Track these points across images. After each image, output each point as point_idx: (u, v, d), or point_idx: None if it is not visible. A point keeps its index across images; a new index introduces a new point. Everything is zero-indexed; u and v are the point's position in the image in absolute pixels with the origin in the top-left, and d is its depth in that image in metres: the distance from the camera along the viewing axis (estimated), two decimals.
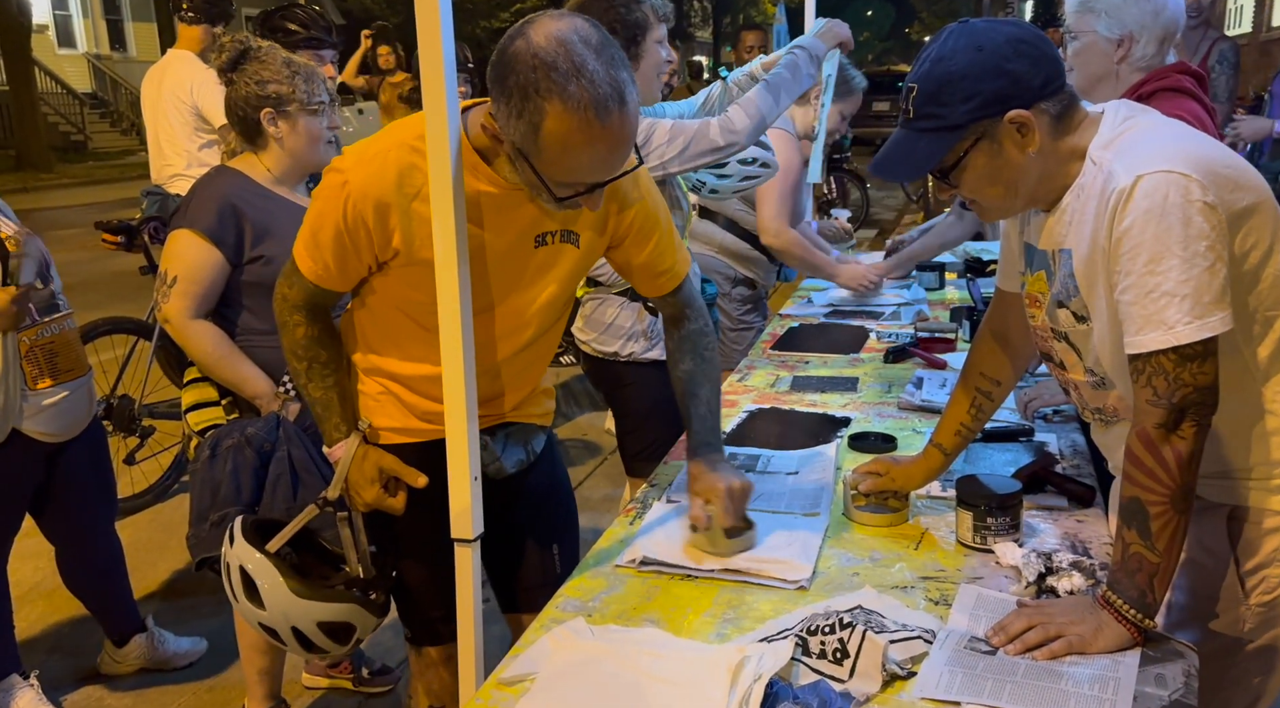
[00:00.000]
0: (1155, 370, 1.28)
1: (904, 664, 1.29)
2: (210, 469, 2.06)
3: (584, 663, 1.34)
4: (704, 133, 2.23)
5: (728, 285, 3.39)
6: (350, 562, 1.74)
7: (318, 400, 1.68)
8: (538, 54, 1.33)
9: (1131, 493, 1.31)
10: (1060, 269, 1.43)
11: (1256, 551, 1.43)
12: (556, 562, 1.94)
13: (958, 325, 2.88)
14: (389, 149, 1.51)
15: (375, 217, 1.50)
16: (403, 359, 1.67)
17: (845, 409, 2.33)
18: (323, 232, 1.54)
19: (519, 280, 1.62)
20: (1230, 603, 1.46)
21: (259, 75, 2.19)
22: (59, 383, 2.43)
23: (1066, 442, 2.06)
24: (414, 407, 1.70)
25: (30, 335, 2.37)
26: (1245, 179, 1.34)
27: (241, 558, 1.68)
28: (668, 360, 1.82)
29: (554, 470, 1.96)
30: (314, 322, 1.66)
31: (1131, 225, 1.28)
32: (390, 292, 1.61)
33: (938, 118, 1.37)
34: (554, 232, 1.61)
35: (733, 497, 1.62)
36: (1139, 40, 2.06)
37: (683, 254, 1.78)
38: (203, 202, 2.19)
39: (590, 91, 1.32)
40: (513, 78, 1.34)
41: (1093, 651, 1.30)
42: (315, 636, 1.68)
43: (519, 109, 1.35)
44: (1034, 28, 1.41)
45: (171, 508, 3.94)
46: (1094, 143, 1.38)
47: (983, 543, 1.61)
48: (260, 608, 1.67)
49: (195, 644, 2.93)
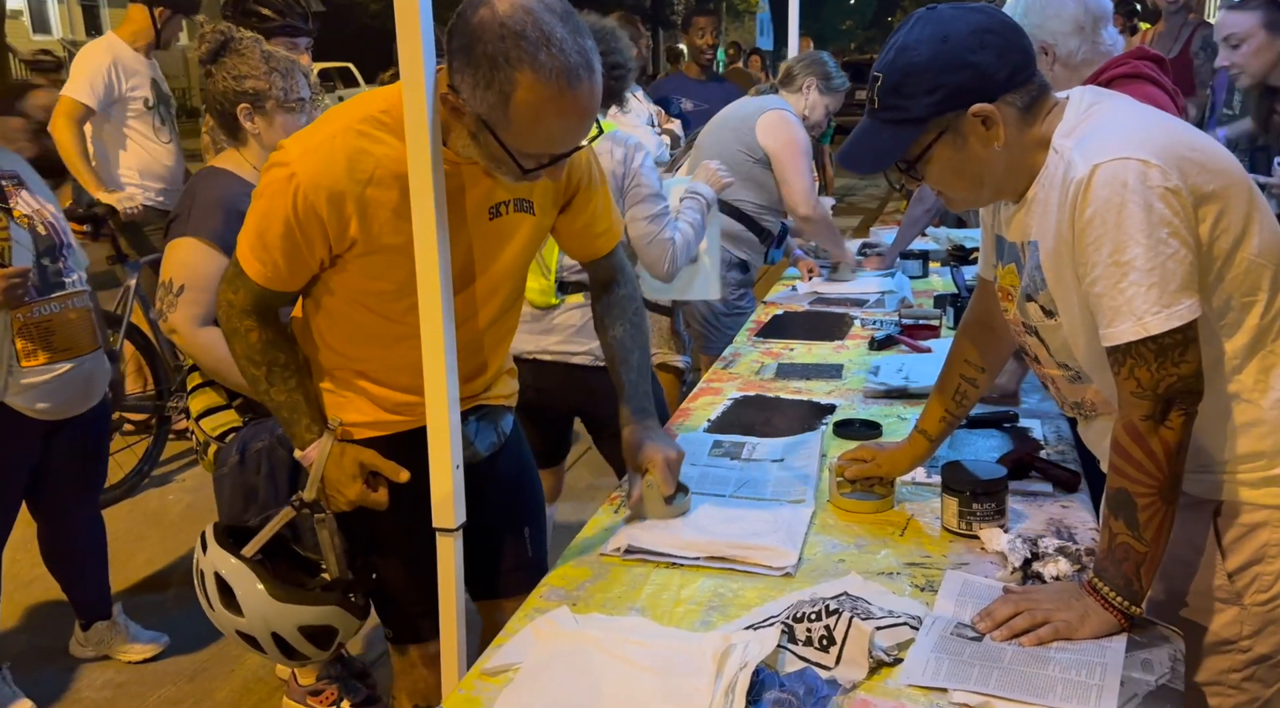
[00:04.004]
0: (1137, 362, 1.26)
1: (890, 651, 1.28)
2: (241, 474, 2.03)
3: (568, 653, 1.33)
4: (660, 258, 2.50)
5: (722, 268, 3.39)
6: (329, 563, 1.70)
7: (283, 404, 1.62)
8: (505, 23, 1.30)
9: (1119, 484, 1.30)
10: (1028, 261, 1.41)
11: (1244, 547, 1.40)
12: (529, 545, 1.93)
13: (942, 312, 2.88)
14: (334, 136, 1.46)
15: (329, 207, 1.45)
16: (367, 354, 1.63)
17: (830, 396, 2.32)
18: (270, 230, 1.48)
19: (478, 255, 1.59)
20: (1224, 602, 1.42)
21: (236, 69, 2.15)
22: (53, 360, 2.40)
23: (1051, 428, 2.06)
24: (382, 399, 1.65)
25: (24, 312, 2.34)
26: (1214, 162, 1.30)
27: (217, 564, 1.65)
28: (597, 325, 1.84)
29: (521, 453, 1.95)
30: (266, 325, 1.60)
31: (1093, 215, 1.25)
32: (349, 287, 1.56)
33: (901, 110, 1.34)
34: (507, 201, 1.58)
35: (670, 467, 1.67)
36: (1056, 43, 2.18)
37: (617, 215, 1.81)
38: (205, 207, 2.14)
39: (561, 59, 1.31)
40: (480, 47, 1.31)
41: (1079, 637, 1.29)
42: (297, 641, 1.65)
43: (487, 79, 1.32)
44: (1004, 16, 1.37)
45: (152, 500, 3.90)
46: (1057, 131, 1.34)
47: (968, 529, 1.60)
48: (238, 615, 1.63)
49: (156, 639, 2.88)
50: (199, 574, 1.68)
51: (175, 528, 3.64)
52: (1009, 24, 1.35)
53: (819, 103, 3.42)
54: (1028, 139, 1.36)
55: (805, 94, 3.41)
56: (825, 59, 3.49)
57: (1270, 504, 1.37)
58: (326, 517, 1.66)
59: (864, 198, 11.28)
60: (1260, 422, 1.36)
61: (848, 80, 3.50)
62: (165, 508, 3.83)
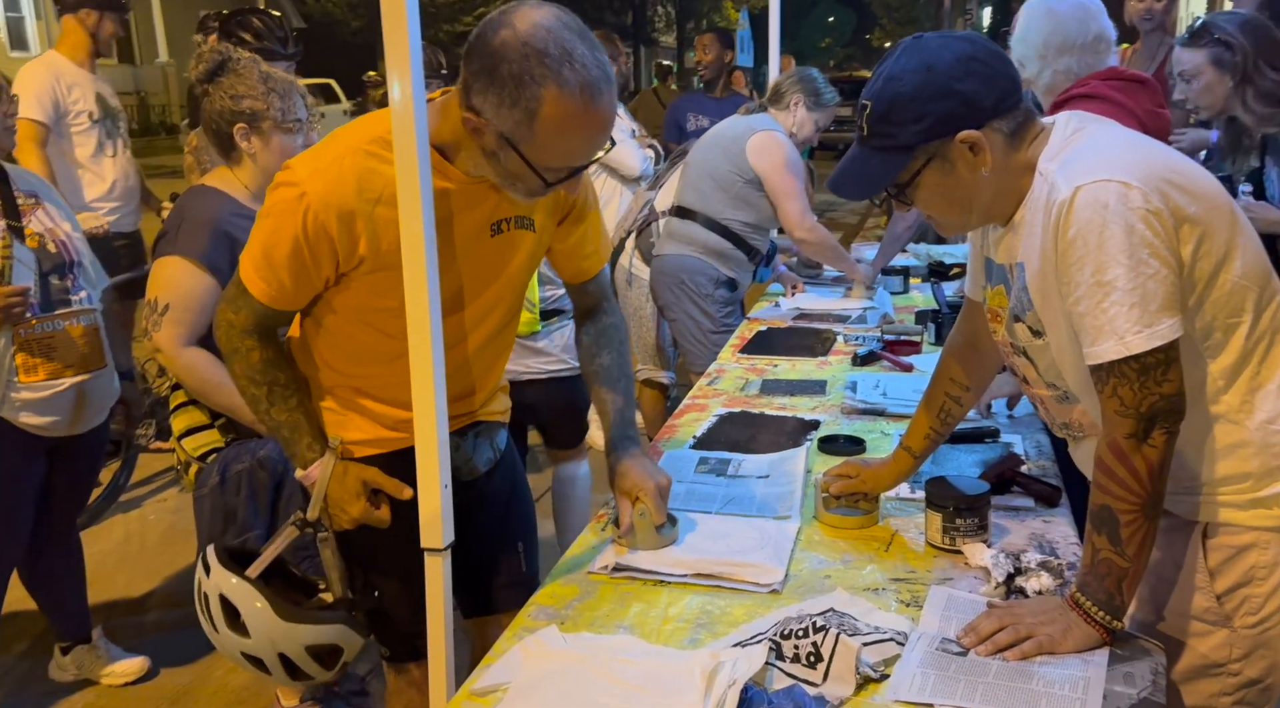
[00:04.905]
0: (1120, 381, 1.28)
1: (877, 667, 1.29)
2: (221, 495, 2.02)
3: (557, 672, 1.33)
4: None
5: (710, 286, 3.41)
6: (331, 582, 1.69)
7: (284, 423, 1.63)
8: (528, 42, 1.34)
9: (1102, 501, 1.32)
10: (1016, 283, 1.43)
11: (1232, 569, 1.40)
12: (523, 560, 1.94)
13: (923, 328, 2.91)
14: (343, 156, 1.48)
15: (339, 226, 1.47)
16: (369, 371, 1.64)
17: (814, 412, 2.34)
18: (278, 249, 1.50)
19: (480, 271, 1.61)
20: (1213, 625, 1.42)
21: (234, 89, 2.15)
22: (54, 377, 2.39)
23: (1031, 442, 2.09)
24: (383, 417, 1.67)
25: (26, 328, 2.34)
26: (1196, 185, 1.33)
27: (222, 586, 1.63)
28: (581, 353, 1.85)
29: (514, 468, 1.96)
30: (267, 345, 1.61)
31: (1075, 236, 1.27)
32: (353, 305, 1.58)
33: (889, 137, 1.37)
34: (508, 219, 1.61)
35: (661, 494, 1.66)
36: (1025, 65, 2.36)
37: (606, 240, 1.84)
38: (192, 227, 2.14)
39: (584, 74, 1.35)
40: (505, 67, 1.35)
41: (1062, 651, 1.31)
42: (303, 660, 1.64)
43: (513, 98, 1.36)
44: (989, 44, 1.39)
45: (132, 521, 3.87)
46: (1043, 155, 1.37)
47: (951, 544, 1.62)
48: (244, 636, 1.62)
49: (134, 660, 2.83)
50: (202, 597, 1.66)
51: (155, 549, 3.61)
52: (994, 51, 1.37)
53: (807, 119, 3.46)
54: (1014, 164, 1.38)
55: (793, 111, 3.44)
56: (814, 76, 3.52)
57: (1257, 526, 1.39)
58: (329, 536, 1.66)
59: (844, 213, 11.34)
60: (1246, 443, 1.37)
61: (837, 94, 3.53)
62: (145, 529, 3.79)
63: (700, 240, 3.40)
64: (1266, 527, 1.38)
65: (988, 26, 35.29)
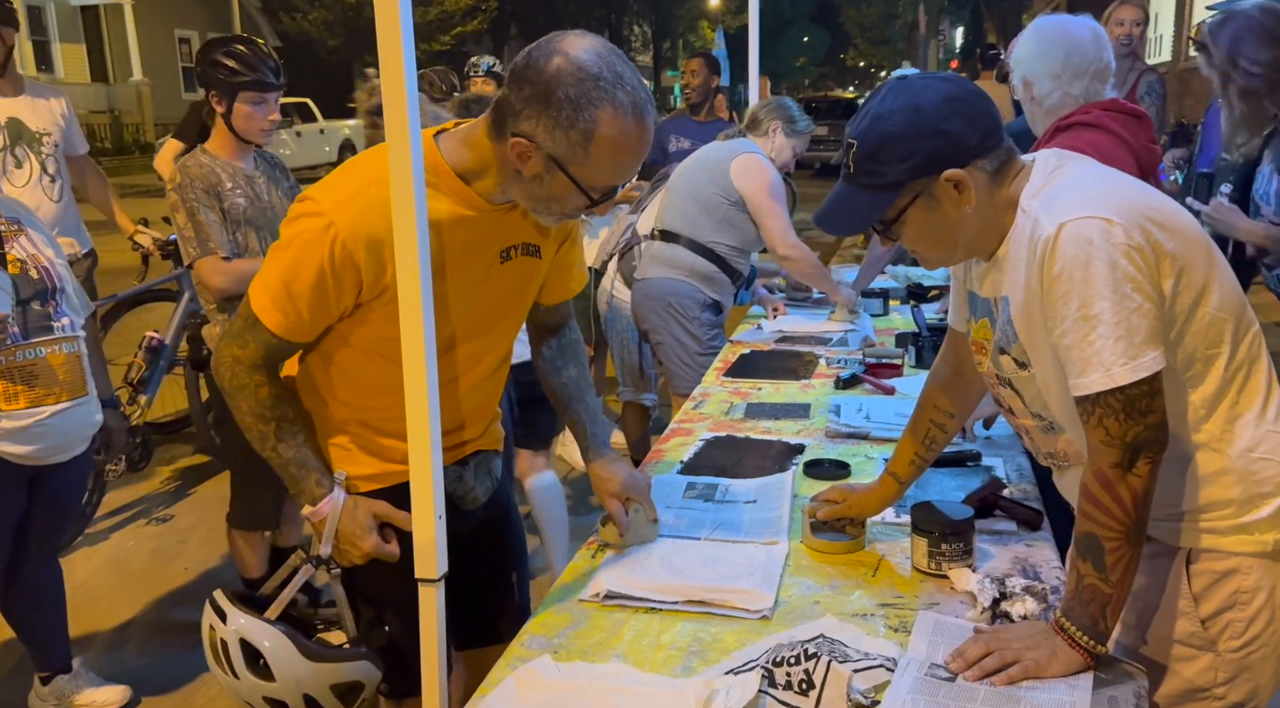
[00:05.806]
0: (1105, 412, 1.31)
1: (868, 694, 1.31)
2: None
3: (552, 702, 1.34)
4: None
5: (696, 309, 3.43)
6: (344, 619, 1.69)
7: (291, 460, 1.62)
8: (583, 67, 1.40)
9: (1087, 529, 1.35)
10: (1000, 316, 1.47)
11: (1216, 594, 1.42)
12: (516, 589, 1.96)
13: (904, 351, 2.95)
14: (368, 186, 1.50)
15: (368, 255, 1.48)
16: (379, 403, 1.64)
17: (799, 436, 2.37)
18: (299, 280, 1.50)
19: (486, 297, 1.64)
20: (1198, 649, 1.44)
21: None
22: (35, 405, 2.38)
23: (1013, 466, 2.12)
24: (389, 450, 1.67)
25: (7, 355, 2.33)
26: (1173, 222, 1.37)
27: (241, 631, 1.61)
28: (547, 368, 1.92)
29: (508, 496, 1.98)
30: (274, 380, 1.61)
31: (1061, 271, 1.31)
32: (368, 336, 1.58)
33: (877, 175, 1.40)
34: (516, 245, 1.64)
35: (650, 492, 1.83)
36: (1032, 84, 2.38)
37: (584, 262, 1.92)
38: None
39: (634, 95, 1.43)
40: (561, 91, 1.40)
41: (1048, 675, 1.33)
42: (328, 700, 1.62)
43: (570, 121, 1.41)
44: (971, 85, 1.44)
45: (112, 548, 3.83)
46: (1025, 192, 1.41)
47: (937, 569, 1.64)
48: (267, 680, 1.60)
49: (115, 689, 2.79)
50: (219, 645, 1.63)
51: (136, 577, 3.57)
52: (977, 92, 1.42)
53: (785, 145, 3.52)
54: (997, 201, 1.42)
55: (772, 137, 3.51)
56: (789, 104, 3.59)
57: (1240, 551, 1.41)
58: (339, 572, 1.66)
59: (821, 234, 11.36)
60: (1227, 471, 1.41)
61: (812, 123, 3.60)
62: (126, 557, 3.75)
63: (685, 263, 3.43)
64: (1249, 552, 1.41)
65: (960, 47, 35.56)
